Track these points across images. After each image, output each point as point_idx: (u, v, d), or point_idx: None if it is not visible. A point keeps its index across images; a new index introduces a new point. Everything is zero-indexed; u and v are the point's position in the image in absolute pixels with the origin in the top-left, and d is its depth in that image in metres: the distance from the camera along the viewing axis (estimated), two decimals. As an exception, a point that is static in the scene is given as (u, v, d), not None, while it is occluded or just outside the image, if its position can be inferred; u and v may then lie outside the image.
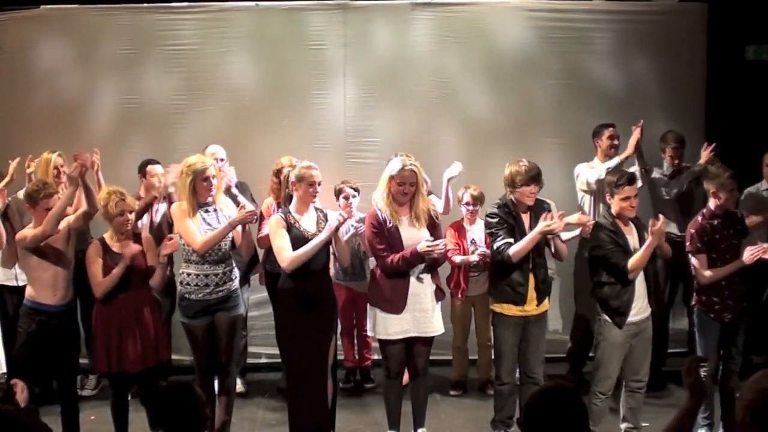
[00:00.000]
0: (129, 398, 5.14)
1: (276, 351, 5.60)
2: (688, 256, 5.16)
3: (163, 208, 5.97)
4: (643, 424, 5.28)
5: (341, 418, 5.43)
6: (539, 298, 5.05)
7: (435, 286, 5.01)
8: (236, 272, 5.14)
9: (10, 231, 5.62)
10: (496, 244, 5.00)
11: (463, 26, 6.67)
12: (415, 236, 4.91)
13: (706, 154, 5.99)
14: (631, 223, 4.99)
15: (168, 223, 5.79)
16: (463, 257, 5.93)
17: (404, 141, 6.35)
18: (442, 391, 6.16)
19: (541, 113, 6.75)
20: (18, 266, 5.65)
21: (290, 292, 4.91)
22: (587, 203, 6.21)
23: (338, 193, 5.96)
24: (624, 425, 5.11)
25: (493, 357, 5.39)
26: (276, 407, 5.91)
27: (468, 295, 6.10)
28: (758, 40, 6.89)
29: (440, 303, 5.07)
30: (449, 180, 5.68)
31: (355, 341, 6.30)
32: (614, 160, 5.96)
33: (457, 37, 6.66)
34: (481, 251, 5.84)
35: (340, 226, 4.82)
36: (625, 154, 5.97)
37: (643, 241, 4.87)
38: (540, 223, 4.87)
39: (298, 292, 4.88)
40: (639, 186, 6.03)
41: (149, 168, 6.02)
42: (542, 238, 4.93)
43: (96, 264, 4.87)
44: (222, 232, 4.87)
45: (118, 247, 4.89)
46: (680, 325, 6.57)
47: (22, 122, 6.54)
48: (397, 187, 4.89)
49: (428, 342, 5.05)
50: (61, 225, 4.91)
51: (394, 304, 4.91)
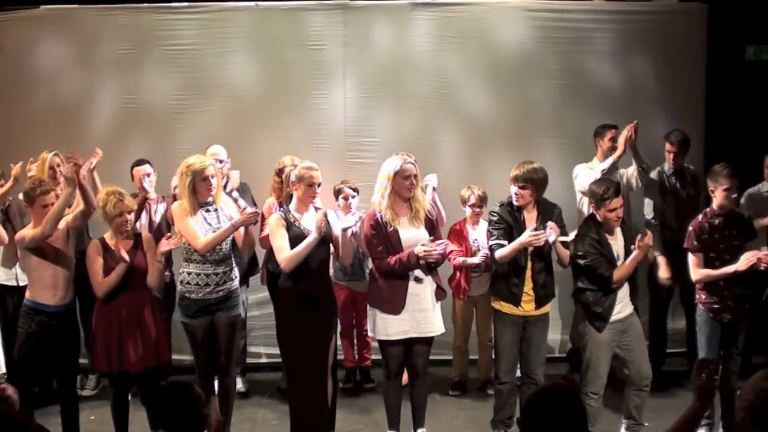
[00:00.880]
0: (129, 398, 5.13)
1: (276, 351, 5.59)
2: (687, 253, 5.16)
3: (162, 208, 5.97)
4: (644, 424, 5.28)
5: (341, 418, 5.44)
6: (538, 301, 5.05)
7: (435, 286, 5.01)
8: (236, 272, 5.14)
9: (11, 232, 5.62)
10: (489, 243, 5.11)
11: (463, 26, 6.67)
12: (414, 236, 4.90)
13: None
14: (616, 229, 4.98)
15: (167, 223, 5.78)
16: (462, 259, 5.93)
17: (404, 141, 6.34)
18: (442, 391, 6.16)
19: (540, 113, 6.75)
20: (18, 266, 5.67)
21: (290, 291, 4.91)
22: (586, 204, 6.19)
23: (338, 193, 5.96)
24: (626, 422, 5.11)
25: (493, 356, 5.39)
26: (276, 407, 5.91)
27: (470, 296, 6.10)
28: (758, 40, 6.89)
29: (441, 303, 5.06)
30: (434, 190, 5.50)
31: (355, 341, 6.30)
32: (608, 161, 5.93)
33: (456, 37, 6.66)
34: (484, 253, 5.83)
35: (322, 226, 4.76)
36: (617, 153, 5.91)
37: (629, 246, 4.88)
38: (525, 234, 4.87)
39: (298, 292, 4.88)
40: (635, 186, 6.09)
41: (135, 169, 5.99)
42: (546, 245, 4.91)
43: (96, 264, 4.87)
44: (224, 233, 4.88)
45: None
46: (680, 324, 6.56)
47: (22, 122, 6.54)
48: (402, 182, 4.87)
49: (428, 342, 5.05)
50: (60, 224, 4.91)
51: (394, 305, 4.91)
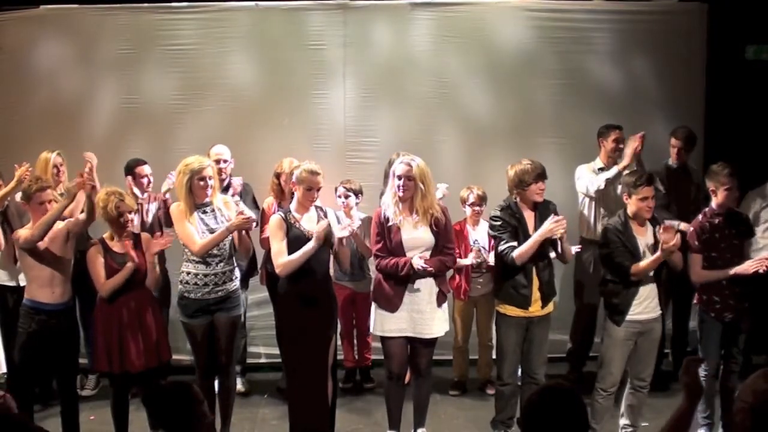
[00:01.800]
0: (129, 398, 5.13)
1: (276, 351, 5.59)
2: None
3: (153, 208, 5.94)
4: (643, 424, 5.29)
5: (341, 418, 5.44)
6: (544, 300, 5.04)
7: (438, 290, 4.98)
8: (237, 273, 5.14)
9: (9, 233, 5.62)
10: (500, 248, 4.98)
11: (463, 26, 6.66)
12: (417, 238, 4.90)
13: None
14: (648, 223, 4.96)
15: (159, 223, 5.78)
16: (459, 260, 5.90)
17: (404, 141, 6.34)
18: (442, 391, 6.16)
19: (540, 113, 6.74)
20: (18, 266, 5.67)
21: (290, 292, 4.91)
22: (587, 206, 6.19)
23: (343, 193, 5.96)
24: (623, 421, 5.11)
25: (495, 357, 5.38)
26: (276, 407, 5.91)
27: (470, 296, 6.10)
28: (758, 40, 6.88)
29: (444, 305, 5.04)
30: (440, 201, 5.47)
31: (355, 341, 6.30)
32: (613, 170, 5.90)
33: (456, 37, 6.65)
34: (475, 253, 5.87)
35: (324, 233, 4.77)
36: (623, 163, 5.89)
37: (658, 242, 4.81)
38: (546, 224, 4.84)
39: (298, 292, 4.88)
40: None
41: (137, 169, 5.97)
42: (548, 241, 4.92)
43: (98, 265, 4.88)
44: (219, 236, 4.87)
45: (118, 248, 4.91)
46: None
47: (22, 122, 6.54)
48: (397, 182, 4.88)
49: (428, 343, 5.03)
50: (60, 226, 4.91)
51: (391, 302, 4.92)
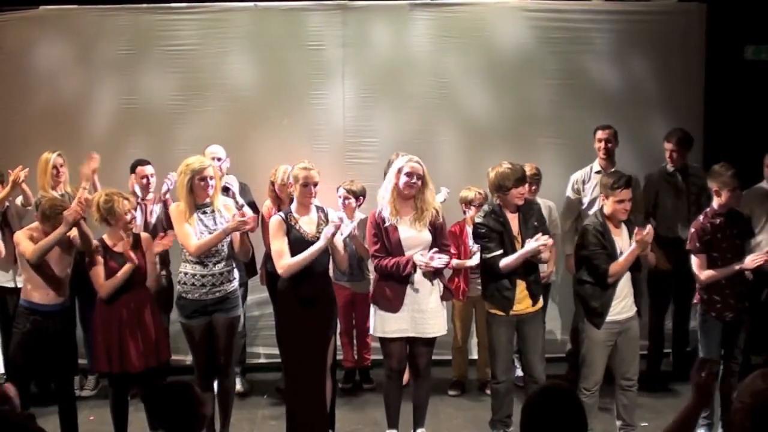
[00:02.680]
0: (128, 398, 5.13)
1: (276, 351, 5.59)
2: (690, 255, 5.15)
3: (157, 210, 5.96)
4: (642, 424, 5.29)
5: (341, 418, 5.44)
6: (532, 297, 5.04)
7: (442, 287, 5.00)
8: (236, 273, 5.13)
9: (9, 235, 5.62)
10: (487, 256, 4.97)
11: (462, 26, 6.66)
12: (415, 237, 4.90)
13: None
14: (623, 224, 4.97)
15: (162, 225, 5.79)
16: (459, 261, 5.90)
17: (403, 141, 6.34)
18: (441, 391, 6.15)
19: (540, 113, 6.74)
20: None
21: (290, 292, 4.91)
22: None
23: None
24: (619, 422, 5.11)
25: (489, 356, 5.38)
26: (276, 407, 5.91)
27: (469, 296, 6.09)
28: (757, 40, 6.88)
29: (445, 304, 5.05)
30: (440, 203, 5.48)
31: (355, 342, 6.30)
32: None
33: (456, 37, 6.65)
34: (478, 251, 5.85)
35: (335, 234, 4.80)
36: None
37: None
38: (532, 244, 4.80)
39: (297, 293, 4.89)
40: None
41: (138, 168, 5.98)
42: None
43: (98, 265, 4.88)
44: (216, 237, 4.86)
45: (118, 248, 4.90)
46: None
47: (22, 123, 6.54)
48: (405, 179, 4.86)
49: (429, 343, 5.04)
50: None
51: (392, 303, 4.91)
